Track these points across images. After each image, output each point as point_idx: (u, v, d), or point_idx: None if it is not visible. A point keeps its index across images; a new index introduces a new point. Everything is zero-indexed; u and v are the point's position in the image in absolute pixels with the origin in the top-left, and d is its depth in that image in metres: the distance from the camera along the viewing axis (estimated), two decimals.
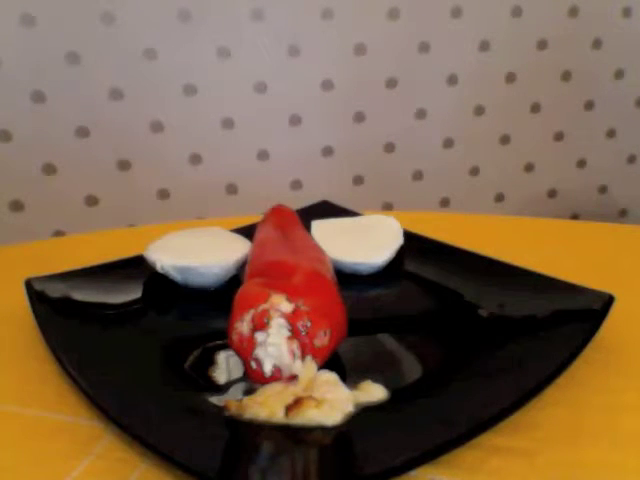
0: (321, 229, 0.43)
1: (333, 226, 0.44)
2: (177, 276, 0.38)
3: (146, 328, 0.35)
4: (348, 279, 0.37)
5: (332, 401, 0.26)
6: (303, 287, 0.29)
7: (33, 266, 0.39)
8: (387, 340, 0.33)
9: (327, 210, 0.49)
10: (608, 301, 0.32)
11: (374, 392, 0.27)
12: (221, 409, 0.26)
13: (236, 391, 0.28)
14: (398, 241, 0.41)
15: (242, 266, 0.39)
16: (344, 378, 0.28)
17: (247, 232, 0.42)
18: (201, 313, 0.37)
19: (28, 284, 0.36)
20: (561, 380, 0.28)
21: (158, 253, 0.39)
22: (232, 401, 0.27)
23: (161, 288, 0.39)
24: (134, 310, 0.37)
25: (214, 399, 0.28)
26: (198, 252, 0.39)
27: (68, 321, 0.34)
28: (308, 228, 0.42)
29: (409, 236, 0.42)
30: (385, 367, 0.30)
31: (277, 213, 0.42)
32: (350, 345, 0.31)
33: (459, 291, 0.37)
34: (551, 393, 0.28)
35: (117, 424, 0.25)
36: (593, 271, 0.33)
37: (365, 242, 0.41)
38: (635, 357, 0.31)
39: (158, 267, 0.38)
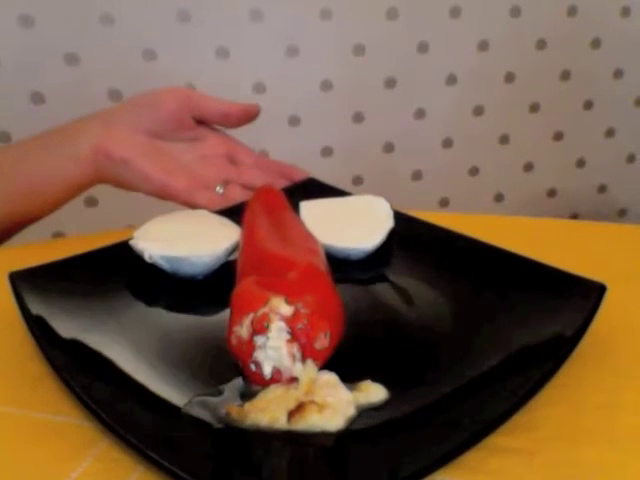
0: (310, 211, 0.42)
1: (322, 208, 0.43)
2: (166, 265, 0.37)
3: (138, 324, 0.34)
4: (339, 264, 0.36)
5: (334, 405, 0.26)
6: (301, 286, 0.29)
7: None
8: (383, 333, 0.33)
9: (314, 188, 0.48)
10: (600, 291, 0.32)
11: (374, 392, 0.27)
12: (221, 414, 0.26)
13: (234, 393, 0.28)
14: (389, 224, 0.41)
15: (232, 253, 0.38)
16: (341, 374, 0.28)
17: (234, 212, 0.41)
18: (194, 307, 0.36)
19: (12, 278, 0.35)
20: (559, 380, 0.28)
21: (145, 242, 0.37)
22: (233, 407, 0.26)
23: (148, 277, 0.37)
24: (124, 304, 0.36)
25: (213, 403, 0.27)
26: (187, 240, 0.38)
27: (57, 320, 0.33)
28: (295, 207, 0.41)
29: (399, 217, 0.42)
30: (382, 363, 0.30)
31: (265, 194, 0.41)
32: (345, 339, 0.30)
33: (451, 277, 0.37)
34: (550, 393, 0.28)
35: (112, 431, 0.25)
36: (592, 271, 0.33)
37: (356, 225, 0.41)
38: (634, 357, 0.31)
39: (146, 256, 0.37)
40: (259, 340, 0.27)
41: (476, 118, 1.15)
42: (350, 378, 0.28)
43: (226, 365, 0.29)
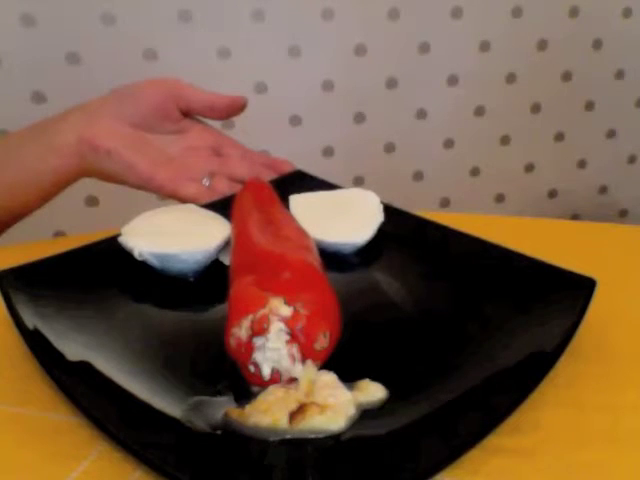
0: (300, 205, 0.42)
1: (312, 202, 0.43)
2: (156, 263, 0.36)
3: (130, 324, 0.33)
4: (330, 258, 0.36)
5: (335, 406, 0.26)
6: (298, 285, 0.29)
7: None
8: (379, 330, 0.32)
9: (302, 181, 0.47)
10: (590, 285, 0.31)
11: (373, 391, 0.27)
12: (220, 416, 0.26)
13: (231, 394, 0.27)
14: (379, 217, 0.41)
15: (223, 249, 0.37)
16: (338, 373, 0.27)
17: (222, 207, 0.40)
18: (186, 305, 0.35)
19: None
20: (559, 380, 0.28)
21: (135, 239, 0.37)
22: (234, 409, 0.26)
23: (138, 274, 0.37)
24: (114, 303, 0.35)
25: (211, 405, 0.27)
26: (177, 236, 0.37)
27: (45, 320, 0.32)
28: (283, 200, 0.41)
29: (388, 211, 0.42)
30: (380, 361, 0.30)
31: (254, 188, 0.41)
32: (341, 336, 0.29)
33: (442, 271, 0.37)
34: (550, 393, 0.28)
35: (108, 434, 0.25)
36: (593, 272, 0.33)
37: (347, 220, 0.41)
38: (635, 358, 0.31)
39: (136, 254, 0.36)
40: (258, 341, 0.27)
41: (477, 118, 1.15)
42: (348, 377, 0.28)
43: (222, 365, 0.29)
